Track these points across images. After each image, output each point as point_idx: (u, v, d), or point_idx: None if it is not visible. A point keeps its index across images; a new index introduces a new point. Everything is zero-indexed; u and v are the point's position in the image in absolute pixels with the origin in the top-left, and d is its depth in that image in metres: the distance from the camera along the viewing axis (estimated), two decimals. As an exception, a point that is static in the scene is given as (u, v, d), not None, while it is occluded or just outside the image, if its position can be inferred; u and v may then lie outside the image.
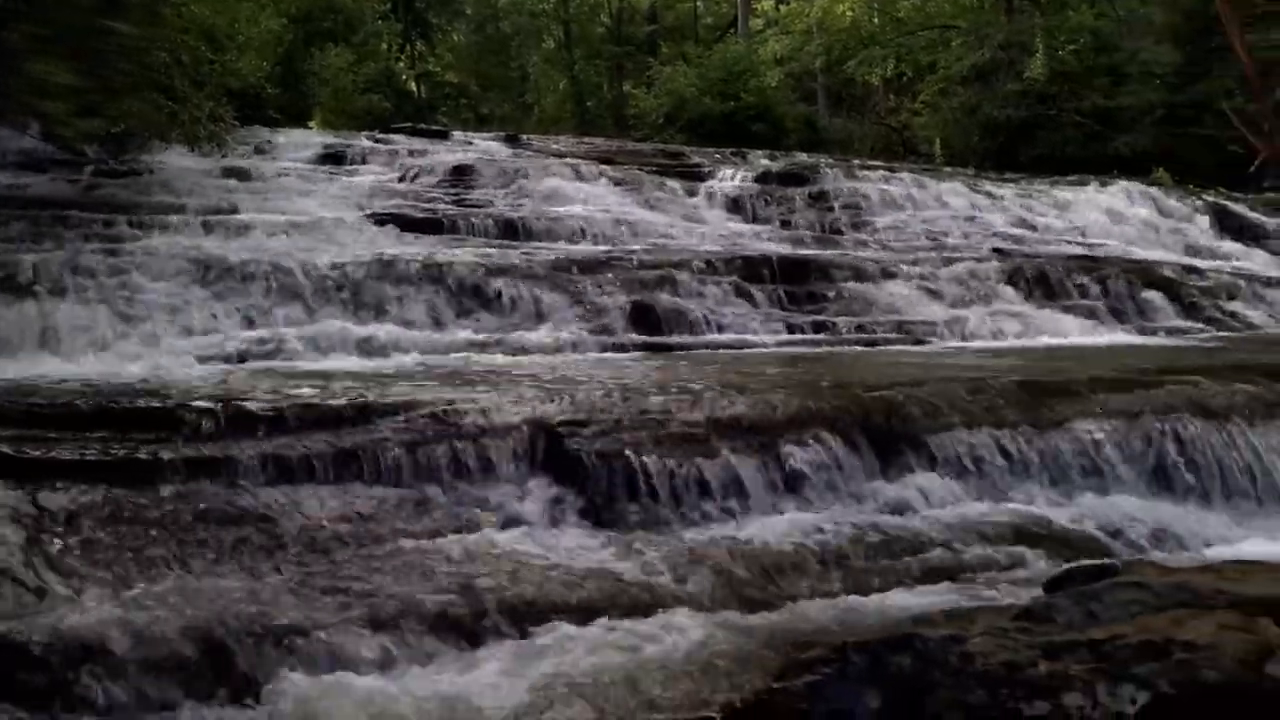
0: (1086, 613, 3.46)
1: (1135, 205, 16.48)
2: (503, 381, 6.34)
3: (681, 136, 23.20)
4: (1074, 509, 5.37)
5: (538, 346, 8.40)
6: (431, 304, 8.93)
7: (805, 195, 14.54)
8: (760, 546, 4.63)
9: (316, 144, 15.53)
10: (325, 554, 4.29)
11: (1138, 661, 3.08)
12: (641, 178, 14.53)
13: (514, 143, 17.74)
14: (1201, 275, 12.90)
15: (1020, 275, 11.51)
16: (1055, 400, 6.14)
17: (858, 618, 3.98)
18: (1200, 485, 5.70)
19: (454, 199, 12.69)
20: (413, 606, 3.86)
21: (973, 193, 15.81)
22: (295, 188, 12.47)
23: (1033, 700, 2.98)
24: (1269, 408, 6.15)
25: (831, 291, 10.48)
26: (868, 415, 5.70)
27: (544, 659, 3.58)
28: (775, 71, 28.62)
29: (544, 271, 9.58)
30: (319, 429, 5.14)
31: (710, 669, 3.45)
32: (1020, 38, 25.75)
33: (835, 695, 3.00)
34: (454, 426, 5.17)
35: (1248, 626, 3.23)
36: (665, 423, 5.32)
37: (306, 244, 9.80)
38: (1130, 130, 23.31)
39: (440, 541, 4.51)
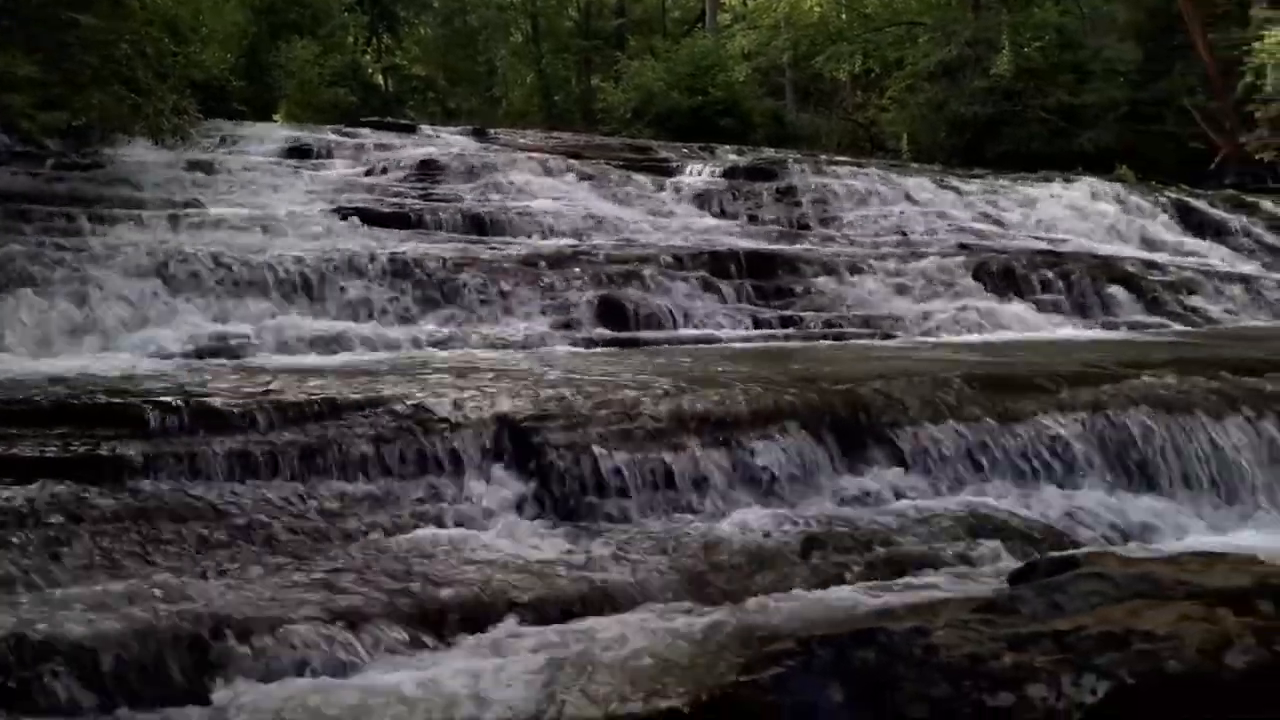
0: (1050, 604, 3.48)
1: (1099, 201, 16.62)
2: (469, 376, 6.31)
3: (649, 131, 23.20)
4: (1038, 502, 5.40)
5: (504, 341, 8.37)
6: (398, 299, 8.88)
7: (773, 190, 14.57)
8: (726, 540, 4.64)
9: (282, 137, 15.43)
10: (289, 550, 4.27)
11: (1100, 652, 3.11)
12: (609, 172, 14.52)
13: (482, 137, 17.70)
14: (1164, 270, 13.02)
15: (986, 270, 11.57)
16: (1019, 394, 6.18)
17: (823, 611, 3.98)
18: (1162, 478, 5.75)
19: (421, 193, 12.64)
20: (376, 603, 3.84)
21: (939, 188, 15.89)
22: (260, 182, 12.38)
23: (996, 692, 3.00)
24: (1230, 402, 6.21)
25: (799, 286, 10.50)
26: (834, 410, 5.72)
27: (509, 654, 3.57)
28: (743, 66, 28.67)
29: (511, 266, 9.55)
30: (283, 425, 5.11)
31: (676, 663, 3.44)
32: (987, 34, 25.92)
33: (800, 688, 3.01)
34: (419, 422, 5.15)
35: (1208, 617, 3.27)
36: (632, 417, 5.32)
37: (271, 239, 9.72)
38: (1094, 127, 23.52)
39: (405, 537, 4.50)
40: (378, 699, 3.25)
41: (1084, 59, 25.04)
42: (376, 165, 13.81)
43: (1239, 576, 3.53)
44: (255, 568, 4.08)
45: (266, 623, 3.59)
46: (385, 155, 14.31)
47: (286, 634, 3.54)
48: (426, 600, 3.88)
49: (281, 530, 4.42)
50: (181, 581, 3.87)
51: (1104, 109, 23.75)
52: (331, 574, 4.06)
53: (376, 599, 3.84)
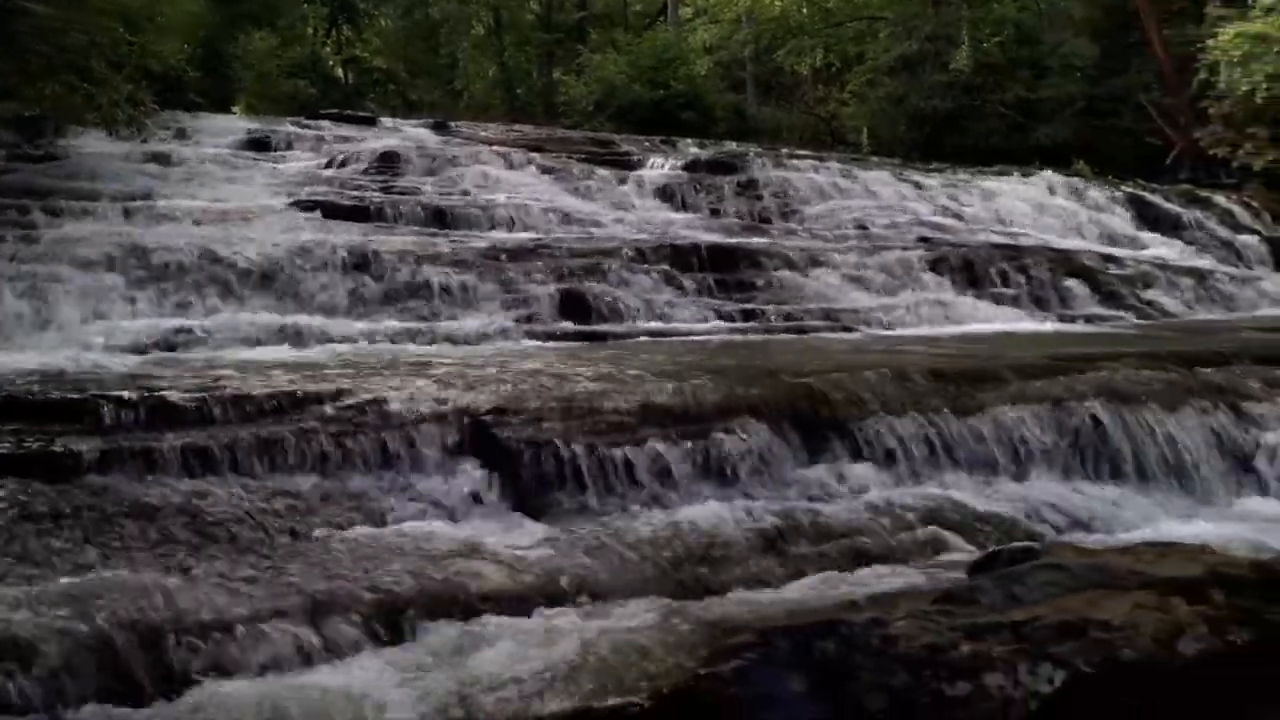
0: (1008, 595, 3.52)
1: (1057, 195, 16.80)
2: (430, 370, 6.28)
3: (611, 124, 23.16)
4: (996, 494, 5.46)
5: (466, 335, 8.33)
6: (358, 292, 8.81)
7: (734, 184, 14.60)
8: (688, 533, 4.65)
9: (240, 129, 15.28)
10: (248, 547, 4.23)
11: (1056, 642, 3.14)
12: (571, 165, 14.49)
13: (443, 130, 17.59)
14: (1120, 264, 13.19)
15: (945, 264, 11.66)
16: (978, 387, 6.23)
17: (784, 603, 4.01)
18: (1118, 469, 5.83)
19: (381, 186, 12.54)
20: (338, 599, 3.81)
21: (899, 182, 16.00)
22: (218, 174, 12.25)
23: (955, 681, 3.03)
24: (1183, 393, 6.31)
25: (760, 280, 10.53)
26: (795, 403, 5.74)
27: (471, 649, 3.56)
28: (704, 60, 28.70)
29: (473, 260, 9.50)
30: (242, 420, 5.05)
31: (637, 656, 3.44)
32: (946, 30, 26.08)
33: (761, 680, 3.02)
34: (381, 416, 5.11)
35: (1162, 606, 3.31)
36: (594, 411, 5.32)
37: (230, 231, 9.61)
38: (1051, 122, 23.74)
39: (367, 532, 4.47)
40: (337, 696, 3.23)
41: (1042, 54, 25.28)
42: (336, 158, 13.69)
43: (1191, 566, 3.58)
44: (212, 564, 4.03)
45: (223, 620, 3.55)
46: (345, 148, 14.19)
47: (243, 631, 3.51)
48: (386, 596, 3.85)
49: (239, 526, 4.38)
50: (136, 579, 3.82)
51: (1061, 104, 23.98)
52: (290, 570, 4.02)
53: (336, 595, 3.81)
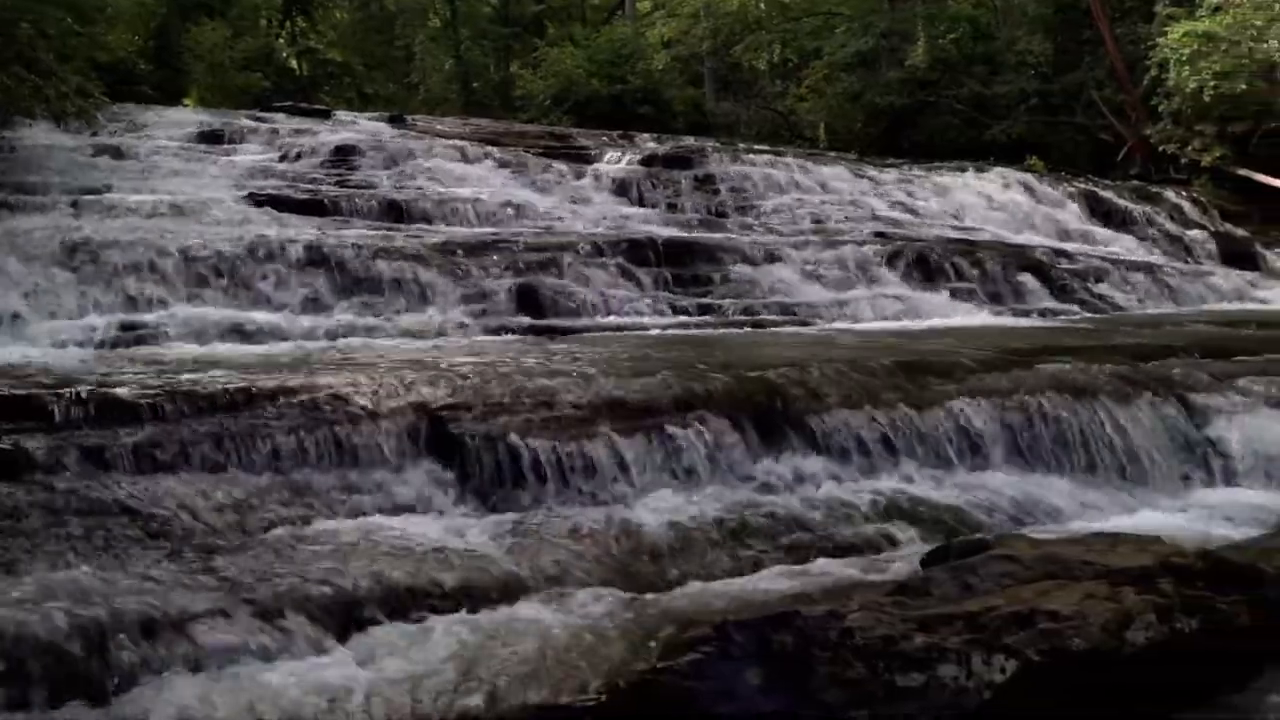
0: (962, 586, 3.56)
1: (1011, 191, 16.96)
2: (386, 365, 6.24)
3: (568, 118, 23.10)
4: (951, 486, 5.50)
5: (422, 330, 8.29)
6: (313, 287, 8.75)
7: (692, 178, 14.62)
8: (645, 527, 4.65)
9: (193, 122, 15.10)
10: (202, 544, 4.18)
11: (1009, 631, 3.18)
12: (528, 160, 14.45)
13: (398, 123, 17.47)
14: (1072, 259, 13.35)
15: (901, 258, 11.74)
16: (933, 380, 6.29)
17: (741, 596, 4.02)
18: (1070, 461, 5.90)
19: (337, 180, 12.47)
20: (294, 595, 3.78)
21: (856, 177, 16.09)
22: (171, 167, 12.11)
23: (909, 672, 3.06)
24: (1133, 386, 6.39)
25: (717, 274, 10.56)
26: (751, 397, 5.76)
27: (426, 645, 3.54)
28: (662, 54, 28.70)
29: (429, 254, 9.45)
30: (196, 416, 4.99)
31: (595, 650, 3.45)
32: (902, 26, 26.26)
33: (718, 673, 3.04)
34: (336, 411, 5.07)
35: (1112, 596, 3.37)
36: (550, 405, 5.31)
37: (182, 226, 9.50)
38: (1006, 118, 23.96)
39: (322, 528, 4.44)
40: (291, 692, 3.21)
41: (996, 51, 25.50)
42: (291, 151, 13.58)
43: (1141, 556, 3.64)
44: (165, 562, 3.99)
45: (176, 618, 3.51)
46: (300, 141, 14.08)
47: (196, 629, 3.47)
48: (342, 591, 3.82)
49: (192, 524, 4.33)
50: (88, 577, 3.77)
51: (1015, 101, 24.20)
52: (245, 567, 3.98)
53: (291, 592, 3.78)
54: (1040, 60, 25.07)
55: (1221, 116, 20.25)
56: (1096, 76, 23.81)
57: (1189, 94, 19.61)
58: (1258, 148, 20.28)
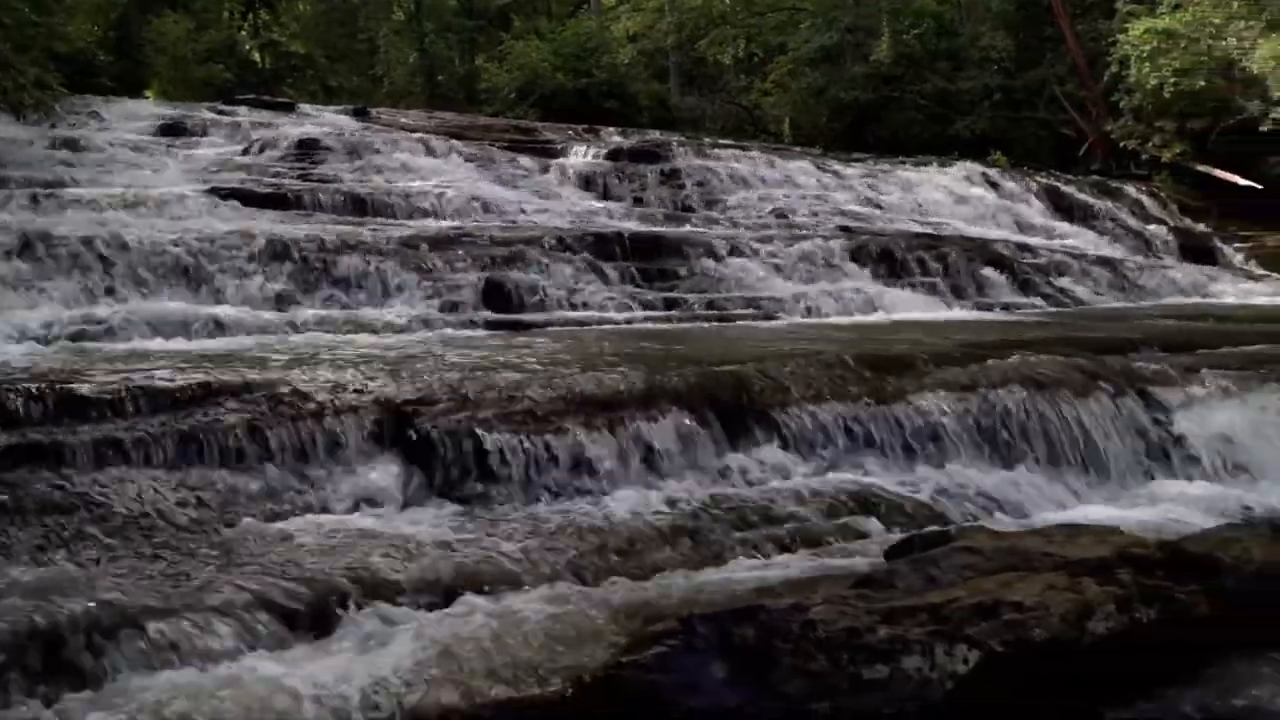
0: (925, 578, 3.58)
1: (974, 186, 17.11)
2: (350, 361, 6.21)
3: (534, 112, 23.03)
4: (914, 479, 5.53)
5: (386, 325, 8.25)
6: (276, 282, 8.68)
7: (657, 173, 14.65)
8: (611, 521, 4.65)
9: (154, 115, 14.95)
10: (164, 541, 4.14)
11: (971, 623, 3.20)
12: (493, 153, 14.43)
13: (363, 116, 17.37)
14: (1034, 253, 13.47)
15: (865, 252, 11.81)
16: (897, 374, 6.32)
17: (706, 590, 4.03)
18: (1031, 453, 5.94)
19: (300, 173, 12.38)
20: (256, 593, 3.74)
21: (820, 172, 16.17)
22: (132, 160, 12.00)
23: (873, 664, 3.07)
24: (1093, 379, 6.45)
25: (683, 268, 10.58)
26: (717, 390, 5.77)
27: (391, 640, 3.52)
28: (628, 48, 28.69)
29: (393, 248, 9.40)
30: (156, 412, 4.94)
31: (560, 644, 3.45)
32: (867, 21, 26.35)
33: (682, 666, 3.04)
34: (299, 407, 5.04)
35: (1073, 586, 3.40)
36: (516, 400, 5.30)
37: (143, 219, 9.41)
38: (970, 113, 24.11)
39: (285, 525, 4.41)
40: (252, 690, 3.18)
41: (960, 46, 25.66)
42: (254, 144, 13.47)
43: (1101, 547, 3.67)
44: (124, 560, 3.95)
45: (135, 617, 3.47)
46: (263, 134, 13.97)
47: (156, 628, 3.43)
48: (305, 588, 3.79)
49: (153, 521, 4.29)
50: (48, 575, 3.74)
51: (979, 96, 24.36)
52: (205, 564, 3.95)
53: (252, 589, 3.75)
54: (1003, 56, 25.25)
55: (1181, 113, 20.49)
56: (1058, 72, 24.01)
57: (1149, 90, 19.82)
58: (1216, 144, 20.54)
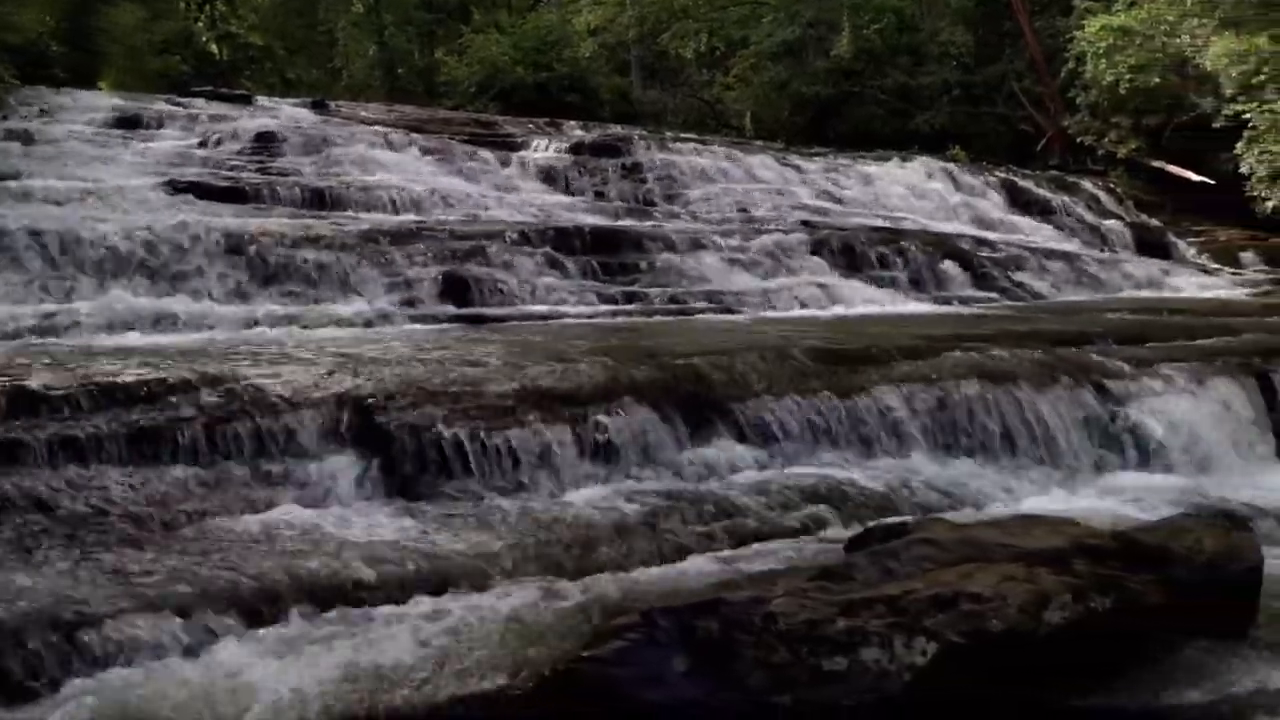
0: (883, 570, 3.60)
1: (933, 180, 17.22)
2: (309, 356, 6.16)
3: (494, 106, 22.94)
4: (874, 472, 5.57)
5: (346, 319, 8.19)
6: (234, 276, 8.61)
7: (619, 167, 14.63)
8: (572, 516, 4.65)
9: (108, 107, 14.73)
10: (118, 538, 4.09)
11: (929, 614, 3.23)
12: (453, 147, 14.35)
13: (321, 109, 17.23)
14: (993, 247, 13.58)
15: (826, 247, 11.85)
16: (857, 368, 6.36)
17: (667, 583, 4.04)
18: (989, 446, 6.01)
19: (258, 167, 12.27)
20: (214, 590, 3.72)
21: (782, 166, 16.22)
22: (85, 153, 11.82)
23: (833, 656, 3.10)
24: (1050, 372, 6.52)
25: (644, 262, 10.58)
26: (677, 384, 5.78)
27: (350, 637, 3.50)
28: (589, 42, 28.60)
29: (353, 242, 9.34)
30: (111, 408, 4.87)
31: (521, 639, 3.45)
32: (828, 15, 26.41)
33: (643, 660, 3.05)
34: (257, 403, 4.99)
35: (1029, 577, 3.43)
36: (476, 394, 5.28)
37: (97, 213, 9.29)
38: (929, 108, 24.27)
39: (243, 521, 4.36)
40: (211, 688, 3.15)
41: (920, 41, 25.80)
42: (211, 137, 13.33)
43: (1057, 538, 3.71)
44: (80, 558, 3.90)
45: (91, 615, 3.43)
46: (220, 127, 13.82)
47: (112, 626, 3.40)
48: (263, 585, 3.77)
49: (109, 518, 4.24)
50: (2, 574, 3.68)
51: (938, 91, 24.53)
52: (162, 562, 3.91)
53: (210, 586, 3.72)
54: (962, 51, 25.43)
55: (1136, 109, 20.74)
56: (1017, 68, 24.23)
57: (1105, 87, 20.04)
58: (1170, 140, 20.80)
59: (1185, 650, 3.46)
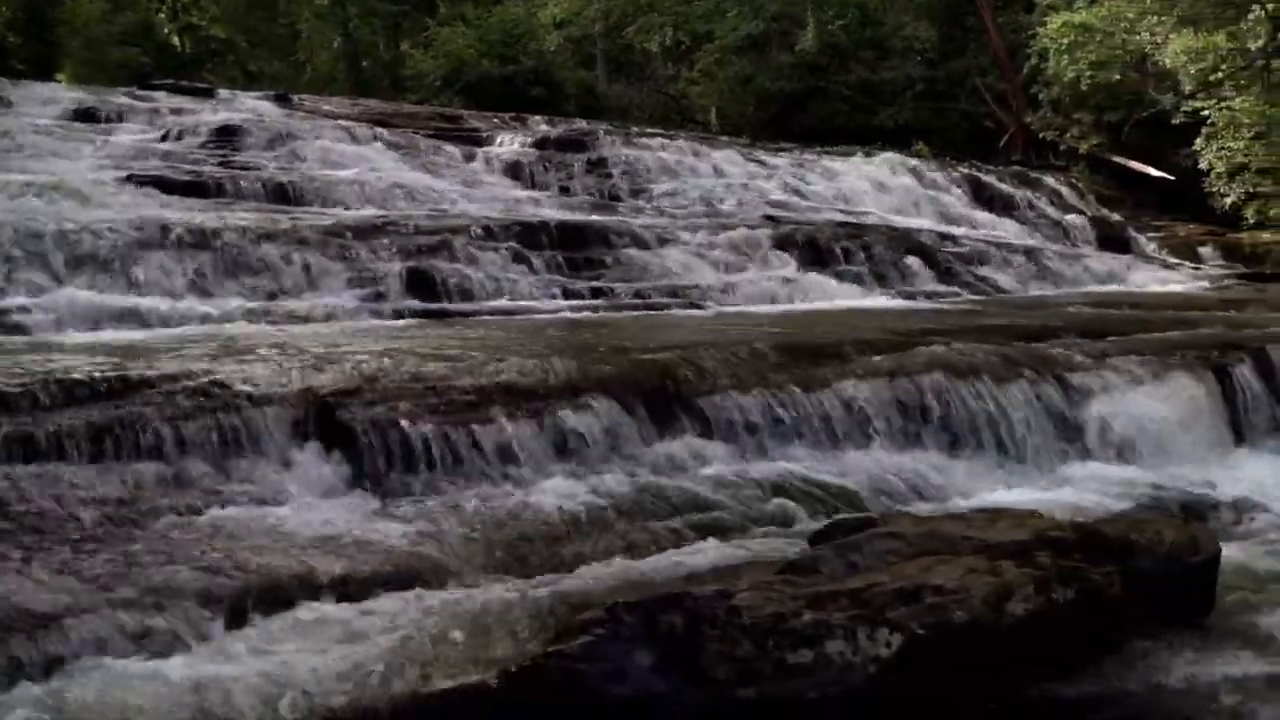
0: (848, 564, 3.63)
1: (897, 175, 17.33)
2: (272, 351, 6.11)
3: (459, 100, 22.86)
4: (839, 466, 5.59)
5: (309, 315, 8.13)
6: (196, 271, 8.52)
7: (584, 161, 14.64)
8: (537, 511, 4.64)
9: (67, 99, 14.59)
10: (77, 538, 4.04)
11: (893, 607, 3.25)
12: (418, 141, 14.31)
13: (285, 103, 17.11)
14: (956, 242, 13.69)
15: (791, 241, 11.89)
16: (822, 362, 6.38)
17: (633, 578, 4.04)
18: (953, 439, 6.04)
19: (220, 161, 12.17)
20: (176, 588, 3.68)
21: (747, 161, 16.28)
22: (43, 146, 11.70)
23: (797, 649, 3.11)
24: (1013, 366, 6.58)
25: (609, 257, 10.57)
26: (643, 379, 5.77)
27: (316, 635, 3.48)
28: (554, 35, 28.54)
29: (316, 237, 9.27)
30: (71, 405, 4.80)
31: (486, 635, 3.44)
32: (792, 10, 26.51)
33: (608, 654, 3.05)
34: (219, 399, 4.94)
35: (992, 569, 3.46)
36: (440, 390, 5.26)
37: (57, 207, 9.17)
38: (893, 104, 24.42)
39: (206, 519, 4.32)
40: (170, 687, 3.12)
41: (884, 36, 25.94)
42: (172, 130, 13.22)
43: (1020, 530, 3.74)
44: (40, 556, 3.84)
45: (52, 614, 3.39)
46: (181, 120, 13.71)
47: (73, 625, 3.36)
48: (225, 583, 3.74)
49: (70, 516, 4.18)
50: (-43, 572, 3.63)
51: (902, 86, 24.68)
52: (125, 560, 3.86)
53: (173, 585, 3.68)
54: (926, 47, 25.60)
55: (1098, 105, 20.97)
56: (980, 64, 24.42)
57: (1067, 83, 20.25)
58: (1130, 136, 21.05)
59: (1145, 639, 3.50)
